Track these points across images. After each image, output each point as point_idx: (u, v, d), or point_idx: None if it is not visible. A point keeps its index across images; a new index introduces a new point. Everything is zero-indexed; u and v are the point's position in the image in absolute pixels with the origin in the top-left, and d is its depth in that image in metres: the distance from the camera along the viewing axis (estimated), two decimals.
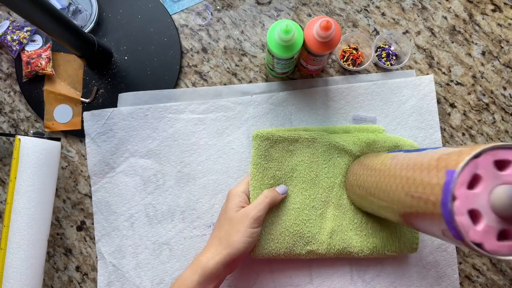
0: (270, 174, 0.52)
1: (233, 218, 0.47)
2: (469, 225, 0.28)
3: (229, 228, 0.46)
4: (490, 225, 0.28)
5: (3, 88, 0.61)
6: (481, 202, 0.29)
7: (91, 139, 0.57)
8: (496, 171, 0.29)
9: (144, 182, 0.57)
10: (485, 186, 0.29)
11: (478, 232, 0.28)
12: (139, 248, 0.56)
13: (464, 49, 0.59)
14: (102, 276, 0.56)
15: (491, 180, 0.29)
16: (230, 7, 0.61)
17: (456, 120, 0.59)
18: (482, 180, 0.29)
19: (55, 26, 0.46)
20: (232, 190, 0.51)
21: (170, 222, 0.56)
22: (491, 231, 0.28)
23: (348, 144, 0.52)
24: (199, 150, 0.57)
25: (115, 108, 0.57)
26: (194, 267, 0.44)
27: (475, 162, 0.29)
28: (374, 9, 0.60)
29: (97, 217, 0.57)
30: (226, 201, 0.50)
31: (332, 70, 0.59)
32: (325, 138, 0.53)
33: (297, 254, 0.51)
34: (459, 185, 0.29)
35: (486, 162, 0.29)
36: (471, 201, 0.29)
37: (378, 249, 0.51)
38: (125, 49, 0.60)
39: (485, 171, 0.29)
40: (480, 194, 0.29)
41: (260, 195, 0.50)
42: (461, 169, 0.29)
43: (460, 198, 0.29)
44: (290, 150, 0.53)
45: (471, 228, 0.28)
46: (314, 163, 0.53)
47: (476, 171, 0.29)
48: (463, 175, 0.29)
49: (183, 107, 0.58)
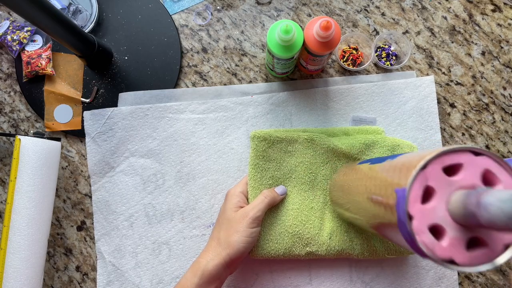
0: (268, 174, 0.52)
1: (232, 219, 0.47)
2: (433, 242, 0.26)
3: (228, 229, 0.46)
4: (456, 237, 0.26)
5: (3, 88, 0.61)
6: (440, 215, 0.27)
7: (91, 138, 0.57)
8: (447, 178, 0.27)
9: (144, 181, 0.57)
10: (440, 196, 0.27)
11: (444, 247, 0.26)
12: (139, 247, 0.56)
13: (464, 49, 0.59)
14: (102, 276, 0.56)
15: (445, 189, 0.27)
16: (230, 7, 0.61)
17: (456, 120, 0.59)
18: (435, 191, 0.27)
19: (55, 26, 0.46)
20: (231, 191, 0.51)
21: (170, 221, 0.56)
22: (458, 243, 0.26)
23: (346, 147, 0.52)
24: (199, 150, 0.57)
25: (115, 107, 0.57)
26: (194, 269, 0.44)
27: (423, 174, 0.27)
28: (374, 9, 0.60)
29: (96, 217, 0.57)
30: (224, 202, 0.50)
31: (332, 70, 0.59)
32: (323, 141, 0.52)
33: (297, 255, 0.51)
34: (412, 202, 0.27)
35: (435, 172, 0.27)
36: (429, 217, 0.26)
37: (378, 252, 0.51)
38: (125, 49, 0.60)
39: (436, 181, 0.27)
40: (436, 206, 0.27)
41: (259, 195, 0.50)
42: (410, 186, 0.27)
43: (416, 216, 0.26)
44: (288, 151, 0.53)
45: (436, 245, 0.26)
46: (313, 164, 0.53)
47: (427, 183, 0.27)
48: (413, 191, 0.27)
49: (183, 107, 0.58)
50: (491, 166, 0.28)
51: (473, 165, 0.27)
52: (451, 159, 0.27)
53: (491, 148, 0.58)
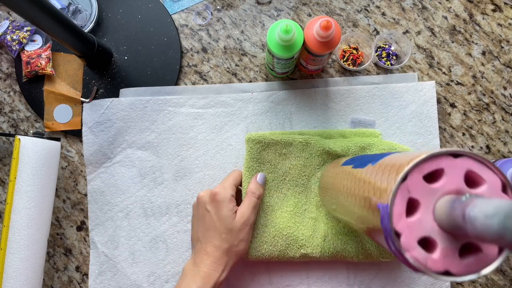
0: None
1: (233, 228, 0.46)
2: (425, 257, 0.25)
3: (232, 239, 0.46)
4: (447, 247, 0.25)
5: (3, 88, 0.61)
6: (428, 226, 0.25)
7: (88, 128, 0.57)
8: (429, 187, 0.26)
9: (140, 174, 0.57)
10: (425, 207, 0.26)
11: (437, 260, 0.25)
12: (132, 239, 0.56)
13: (464, 49, 0.59)
14: (94, 266, 0.56)
15: (429, 198, 0.26)
16: (230, 7, 0.61)
17: (456, 120, 0.58)
18: (419, 202, 0.26)
19: (55, 26, 0.46)
20: (221, 194, 0.47)
21: (165, 215, 0.56)
22: (451, 253, 0.25)
23: (342, 150, 0.51)
24: (197, 144, 0.57)
25: (115, 98, 0.58)
26: (204, 280, 0.44)
27: (404, 187, 0.26)
28: (374, 9, 0.60)
29: (91, 207, 0.57)
30: (217, 207, 0.47)
31: (332, 70, 0.59)
32: (318, 143, 0.52)
33: (291, 257, 0.51)
34: (397, 218, 0.25)
35: (415, 182, 0.26)
36: (416, 230, 0.25)
37: (373, 255, 0.51)
38: (125, 49, 0.60)
39: (418, 192, 0.26)
40: (423, 218, 0.25)
41: (248, 196, 0.49)
42: (392, 202, 0.25)
43: (403, 232, 0.25)
44: (283, 154, 0.53)
45: (428, 259, 0.25)
46: (307, 167, 0.53)
47: (409, 196, 0.26)
48: (396, 206, 0.25)
49: (183, 101, 0.58)
50: (473, 166, 0.27)
51: (454, 168, 0.26)
52: (430, 166, 0.26)
53: (492, 148, 0.58)
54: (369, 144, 0.52)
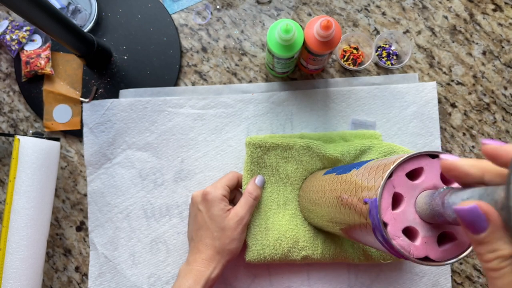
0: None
1: (225, 226, 0.46)
2: (409, 244, 0.28)
3: (224, 237, 0.46)
4: (427, 236, 0.29)
5: (2, 88, 0.61)
6: (410, 217, 0.29)
7: (89, 128, 0.57)
8: (411, 183, 0.29)
9: (140, 175, 0.57)
10: (408, 200, 0.29)
11: (418, 247, 0.29)
12: (132, 240, 0.56)
13: (465, 48, 0.59)
14: (94, 267, 0.56)
15: (411, 193, 0.29)
16: (230, 6, 0.60)
17: (456, 120, 0.58)
18: (402, 196, 0.29)
19: (55, 26, 0.46)
20: (211, 194, 0.47)
21: (165, 216, 0.56)
22: (430, 240, 0.29)
23: (342, 156, 0.51)
24: (197, 145, 0.57)
25: (115, 99, 0.57)
26: (195, 277, 0.44)
27: (390, 183, 0.29)
28: (375, 9, 0.60)
29: (91, 208, 0.57)
30: (208, 206, 0.47)
31: (333, 70, 0.59)
32: (319, 149, 0.51)
33: (293, 260, 0.51)
34: (384, 210, 0.29)
35: (399, 179, 0.29)
36: (401, 221, 0.29)
37: (373, 257, 0.51)
38: (125, 48, 0.59)
39: (402, 188, 0.29)
40: (406, 210, 0.29)
41: (245, 196, 0.49)
42: (380, 196, 0.29)
43: (390, 222, 0.29)
44: (284, 157, 0.52)
45: (411, 246, 0.28)
46: (308, 171, 0.52)
47: (394, 191, 0.29)
48: (384, 200, 0.29)
49: (183, 102, 0.57)
50: None
51: (432, 167, 0.29)
52: (412, 165, 0.29)
53: None
54: (369, 147, 0.52)
